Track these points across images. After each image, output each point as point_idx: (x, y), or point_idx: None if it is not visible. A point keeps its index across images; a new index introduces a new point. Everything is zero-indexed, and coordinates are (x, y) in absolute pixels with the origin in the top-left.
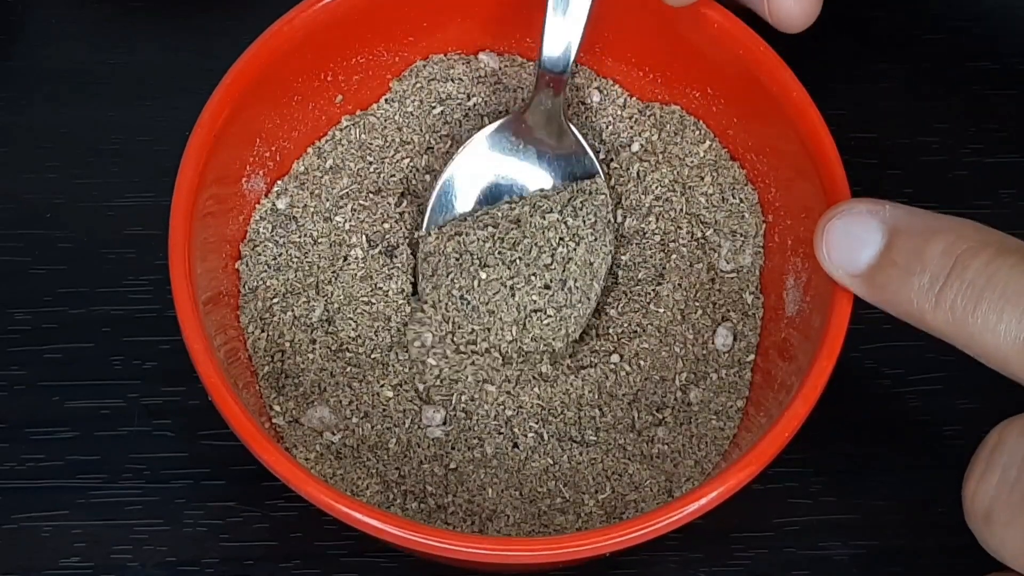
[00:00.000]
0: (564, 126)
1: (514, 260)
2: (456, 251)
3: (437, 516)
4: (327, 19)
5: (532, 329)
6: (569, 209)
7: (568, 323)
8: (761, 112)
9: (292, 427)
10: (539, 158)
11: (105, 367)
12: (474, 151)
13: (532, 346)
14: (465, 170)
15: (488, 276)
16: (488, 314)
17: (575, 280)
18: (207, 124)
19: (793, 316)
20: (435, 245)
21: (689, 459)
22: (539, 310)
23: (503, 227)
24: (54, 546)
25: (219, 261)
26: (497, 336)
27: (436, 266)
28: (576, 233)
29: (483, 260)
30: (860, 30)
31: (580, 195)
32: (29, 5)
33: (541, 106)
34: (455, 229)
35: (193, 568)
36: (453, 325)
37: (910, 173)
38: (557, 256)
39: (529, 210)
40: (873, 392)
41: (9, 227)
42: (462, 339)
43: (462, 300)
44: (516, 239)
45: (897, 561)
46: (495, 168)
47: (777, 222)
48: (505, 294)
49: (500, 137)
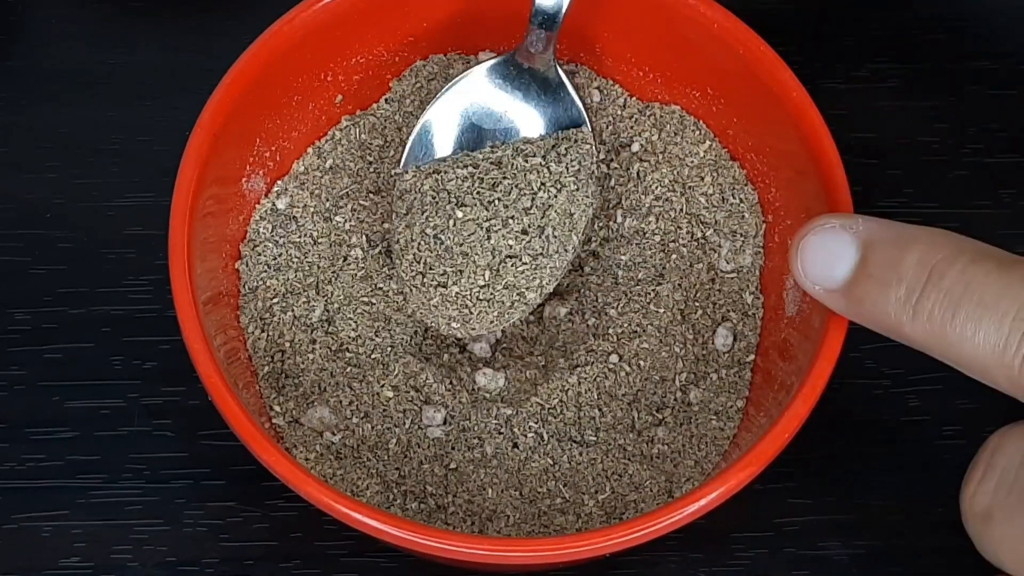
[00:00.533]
0: (555, 74)
1: (492, 201)
2: (433, 189)
3: (437, 516)
4: (327, 19)
5: (506, 276)
6: (553, 155)
7: (543, 273)
8: (761, 112)
9: (292, 427)
10: (525, 103)
11: (105, 367)
12: (459, 92)
13: (503, 295)
14: (449, 111)
15: (464, 216)
16: (461, 256)
17: (553, 228)
18: (207, 124)
19: (793, 316)
20: (411, 183)
21: (689, 459)
22: (514, 255)
23: (483, 167)
24: (54, 546)
25: (219, 261)
26: (469, 280)
27: (411, 204)
28: (559, 180)
29: (460, 199)
30: (860, 30)
31: (565, 142)
32: (29, 5)
33: (531, 49)
34: (433, 168)
35: (193, 568)
36: (424, 266)
37: (910, 173)
38: (537, 201)
39: (512, 153)
40: (873, 392)
41: (9, 227)
42: (432, 280)
43: (435, 240)
44: (496, 180)
45: (897, 561)
46: (479, 111)
47: (777, 222)
48: (481, 236)
49: (487, 80)
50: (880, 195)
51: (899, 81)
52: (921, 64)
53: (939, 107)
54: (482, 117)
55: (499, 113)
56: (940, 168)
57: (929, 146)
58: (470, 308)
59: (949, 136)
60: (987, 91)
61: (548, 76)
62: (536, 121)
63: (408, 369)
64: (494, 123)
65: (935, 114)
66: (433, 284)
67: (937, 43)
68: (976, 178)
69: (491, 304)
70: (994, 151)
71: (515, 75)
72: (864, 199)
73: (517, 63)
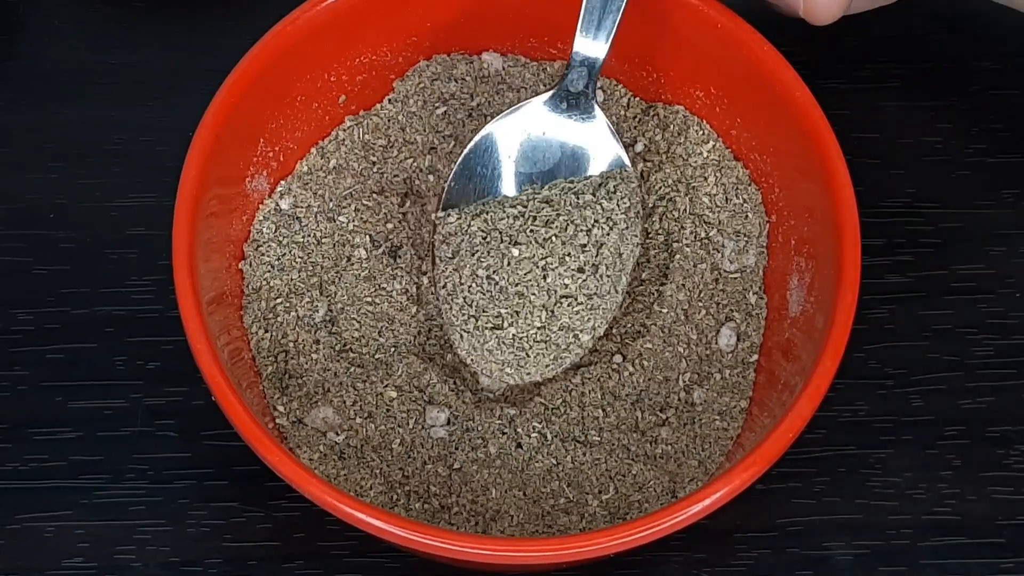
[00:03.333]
0: (594, 114)
1: (548, 238)
2: (483, 230)
3: (441, 516)
4: (330, 19)
5: (561, 316)
6: (603, 191)
7: (596, 314)
8: (765, 112)
9: (296, 427)
10: (565, 144)
11: (108, 367)
12: (496, 134)
13: (559, 336)
14: (486, 154)
15: (520, 254)
16: (517, 296)
17: (606, 267)
18: (210, 124)
19: (797, 316)
20: (457, 225)
21: (693, 459)
22: (570, 296)
23: (533, 206)
24: (57, 546)
25: (222, 261)
26: (526, 321)
27: (458, 247)
28: (610, 217)
29: (514, 238)
30: (863, 30)
31: (612, 180)
32: (31, 5)
33: (571, 88)
34: (479, 209)
35: (196, 568)
36: (477, 309)
37: (913, 173)
38: (592, 238)
39: (558, 192)
40: (876, 392)
41: (11, 227)
42: (487, 323)
43: (488, 280)
44: (549, 217)
45: (900, 562)
46: (517, 153)
47: (781, 222)
48: (537, 274)
49: (524, 120)
50: (883, 195)
51: (902, 81)
52: (924, 64)
53: (942, 107)
54: (521, 159)
55: (538, 155)
56: (943, 168)
57: (932, 146)
58: (526, 351)
59: (952, 136)
60: (989, 91)
61: (586, 116)
62: (577, 162)
63: (412, 369)
64: (532, 165)
65: (938, 114)
66: (488, 327)
67: (940, 43)
68: (979, 178)
69: (547, 346)
70: (997, 151)
71: (553, 116)
72: (867, 199)
73: (555, 104)
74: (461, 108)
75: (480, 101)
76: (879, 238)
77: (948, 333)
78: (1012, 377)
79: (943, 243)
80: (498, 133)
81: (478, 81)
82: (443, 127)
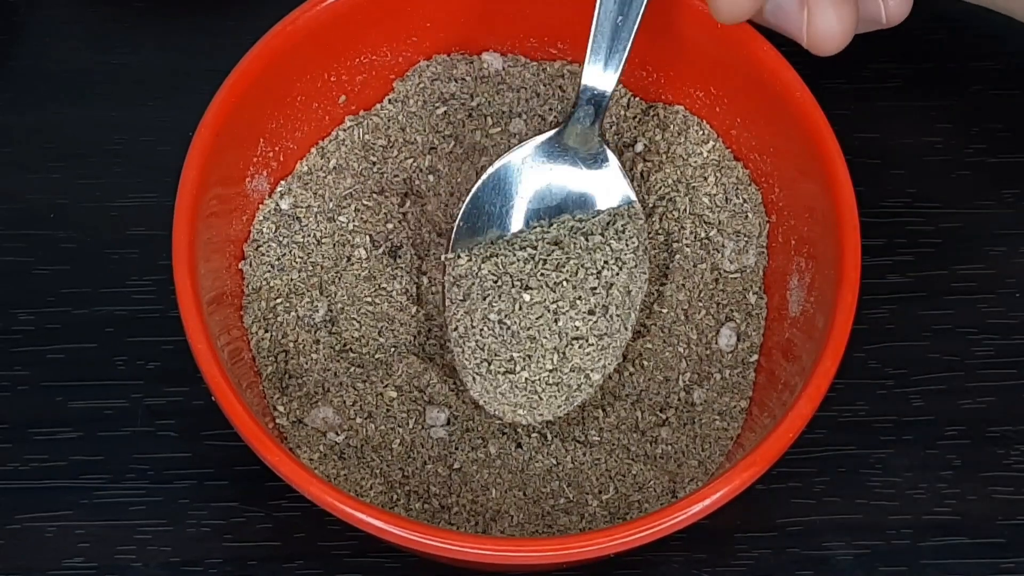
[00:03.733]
0: (601, 149)
1: (559, 282)
2: (493, 273)
3: (441, 516)
4: (330, 19)
5: (573, 358)
6: (611, 231)
7: (607, 354)
8: (765, 112)
9: (296, 427)
10: (571, 182)
11: (108, 367)
12: (505, 171)
13: (571, 378)
14: (495, 191)
15: (531, 299)
16: (529, 341)
17: (616, 307)
18: (210, 124)
19: (797, 316)
20: (467, 268)
21: (693, 459)
22: (581, 337)
23: (543, 248)
24: (58, 546)
25: (223, 261)
26: (538, 364)
27: (469, 290)
28: (620, 257)
29: (525, 282)
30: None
31: (620, 219)
32: (32, 5)
33: (579, 124)
34: (489, 251)
35: (196, 568)
36: (489, 352)
37: (913, 173)
38: (602, 280)
39: (568, 232)
40: (877, 392)
41: (12, 227)
42: (499, 367)
43: (500, 324)
44: (560, 260)
45: (900, 562)
46: (526, 189)
47: (781, 222)
48: (548, 319)
49: (531, 158)
50: (883, 195)
51: (902, 81)
52: (924, 64)
53: (942, 107)
54: (529, 196)
55: (546, 192)
56: (943, 168)
57: (932, 146)
58: (538, 393)
59: (952, 136)
60: (990, 91)
61: (594, 152)
62: (585, 198)
63: (411, 369)
64: (540, 201)
65: (938, 114)
66: (501, 371)
67: (940, 43)
68: (979, 178)
69: (559, 388)
70: (997, 151)
71: (560, 152)
72: (867, 199)
73: (562, 140)
74: (461, 108)
75: (480, 101)
76: (879, 238)
77: (948, 333)
78: (1012, 377)
79: (943, 243)
80: (506, 171)
81: (478, 81)
82: (443, 127)
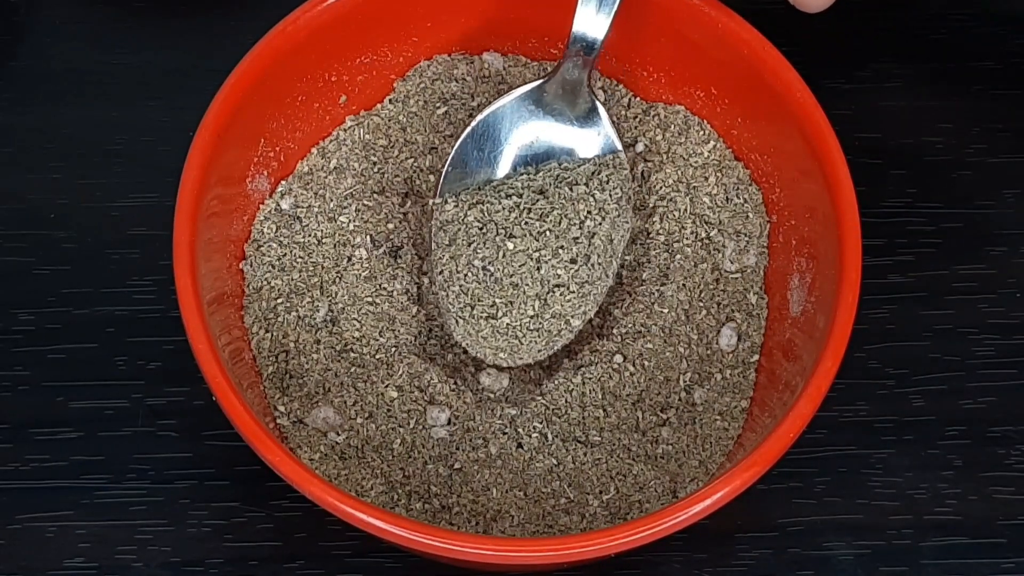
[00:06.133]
0: (588, 98)
1: (543, 232)
2: (479, 220)
3: (441, 516)
4: (331, 19)
5: (554, 305)
6: (596, 182)
7: (587, 301)
8: (765, 112)
9: (296, 427)
10: (558, 129)
11: (109, 368)
12: (492, 118)
13: (552, 324)
14: (483, 137)
15: (515, 247)
16: (512, 287)
17: (598, 255)
18: (211, 124)
19: (797, 316)
20: (453, 213)
21: (693, 459)
22: (562, 285)
23: (528, 197)
24: (58, 546)
25: (223, 261)
26: (520, 311)
27: (455, 235)
28: (603, 207)
29: (509, 230)
30: (864, 30)
31: (605, 168)
32: (33, 6)
33: (567, 75)
34: (475, 198)
35: (197, 568)
36: (472, 297)
37: (914, 173)
38: (584, 230)
39: (553, 181)
40: (877, 392)
41: (13, 227)
42: (482, 312)
43: (484, 271)
44: (544, 210)
45: (901, 562)
46: (514, 137)
47: (781, 222)
48: (531, 267)
49: (520, 105)
50: (884, 195)
51: (903, 81)
52: (925, 64)
53: (943, 107)
54: (517, 142)
55: (533, 138)
56: (944, 168)
57: (933, 146)
58: (519, 338)
59: (953, 136)
60: (991, 91)
61: (582, 102)
62: (570, 146)
63: (412, 369)
64: (528, 148)
65: (939, 114)
66: (483, 316)
67: (940, 43)
68: (980, 178)
69: (539, 333)
70: (998, 151)
71: (549, 100)
72: (868, 199)
73: (551, 88)
74: (462, 108)
75: (481, 101)
76: (880, 238)
77: (949, 333)
78: (1013, 377)
79: (944, 243)
80: (494, 118)
81: (479, 81)
82: (444, 127)
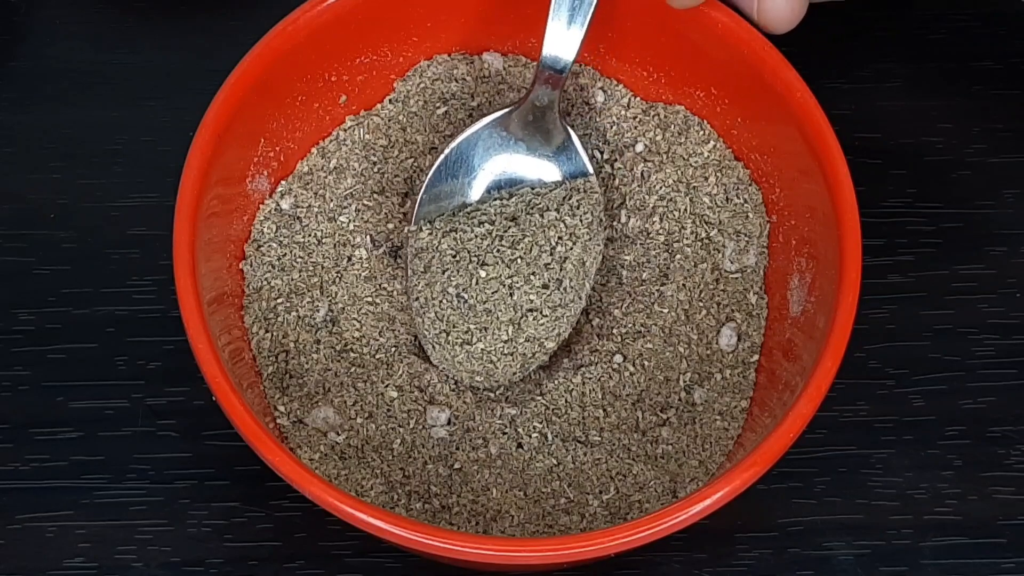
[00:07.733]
0: (558, 123)
1: (514, 259)
2: (452, 248)
3: (441, 516)
4: (331, 19)
5: (527, 329)
6: (566, 207)
7: (561, 323)
8: (765, 112)
9: (296, 427)
10: (530, 155)
11: (109, 367)
12: (464, 145)
13: (526, 347)
14: (455, 164)
15: (487, 275)
16: (485, 314)
17: (570, 279)
18: (211, 124)
19: (797, 316)
20: (428, 241)
21: (693, 459)
22: (535, 310)
23: (500, 224)
24: (58, 546)
25: (223, 261)
26: (493, 336)
27: (429, 263)
28: (573, 232)
29: (481, 259)
30: (864, 30)
31: (575, 193)
32: (33, 5)
33: (537, 102)
34: (449, 225)
35: (197, 568)
36: (448, 324)
37: (914, 173)
38: (556, 255)
39: (524, 207)
40: (877, 392)
41: (13, 227)
42: (457, 338)
43: (458, 298)
44: (516, 237)
45: (901, 562)
46: (486, 163)
47: (781, 222)
48: (504, 293)
49: (492, 131)
50: (884, 195)
51: (903, 81)
52: (925, 64)
53: (943, 107)
54: (490, 168)
55: (505, 164)
56: (944, 168)
57: (933, 146)
58: (494, 363)
59: (953, 136)
60: (991, 91)
61: (552, 127)
62: (542, 171)
63: (412, 369)
64: (501, 174)
65: (939, 114)
66: (458, 342)
67: (941, 43)
68: (980, 178)
69: (514, 357)
70: (998, 151)
71: (520, 126)
72: (868, 199)
73: (521, 114)
74: (462, 108)
75: (481, 101)
76: (880, 238)
77: (949, 333)
78: (1013, 377)
79: (944, 243)
80: (466, 145)
81: (479, 81)
82: (444, 127)
